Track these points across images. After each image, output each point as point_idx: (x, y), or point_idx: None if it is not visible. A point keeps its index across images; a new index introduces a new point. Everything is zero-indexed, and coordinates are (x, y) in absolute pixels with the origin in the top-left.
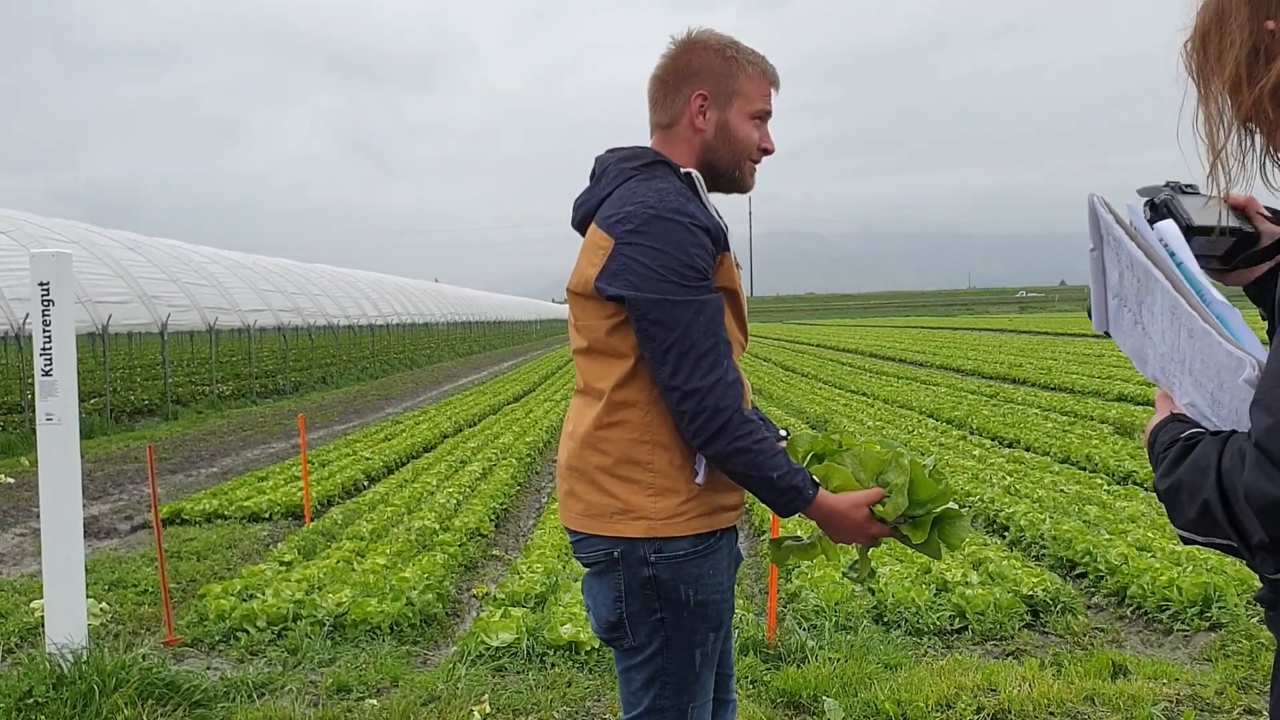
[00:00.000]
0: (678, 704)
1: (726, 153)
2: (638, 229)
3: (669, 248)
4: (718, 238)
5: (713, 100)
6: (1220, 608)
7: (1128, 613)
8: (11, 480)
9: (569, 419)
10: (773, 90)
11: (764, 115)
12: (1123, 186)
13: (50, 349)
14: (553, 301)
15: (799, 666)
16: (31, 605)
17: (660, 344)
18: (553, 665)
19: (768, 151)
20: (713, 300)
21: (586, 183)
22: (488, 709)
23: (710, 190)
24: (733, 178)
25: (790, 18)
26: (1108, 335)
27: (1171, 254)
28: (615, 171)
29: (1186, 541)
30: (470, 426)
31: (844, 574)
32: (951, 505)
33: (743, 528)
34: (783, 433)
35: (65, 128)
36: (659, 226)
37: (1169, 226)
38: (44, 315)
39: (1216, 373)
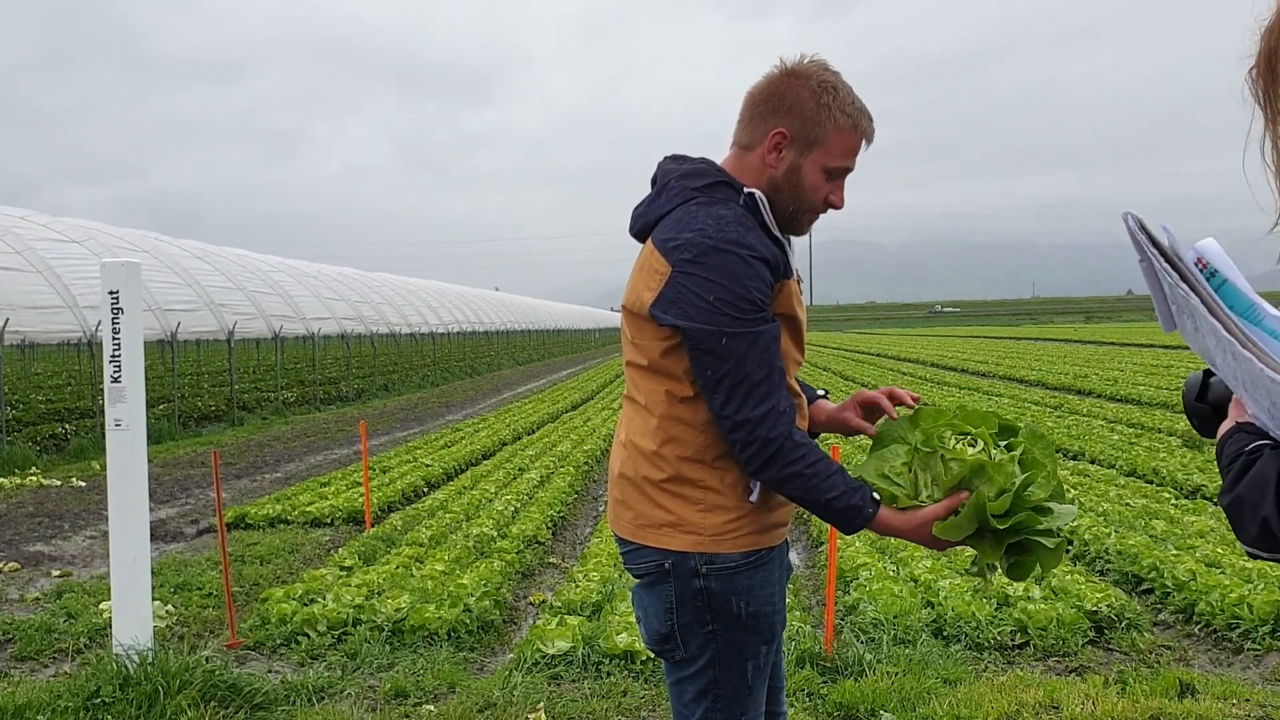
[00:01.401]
0: (730, 717)
1: (789, 197)
2: (694, 259)
3: (725, 280)
4: (776, 267)
5: (792, 141)
6: None
7: (1195, 630)
8: (83, 484)
9: (621, 426)
10: (863, 145)
11: (842, 173)
12: (1190, 194)
13: (119, 356)
14: (610, 310)
15: (856, 680)
16: (100, 607)
17: (713, 374)
18: (608, 674)
19: (835, 207)
20: (768, 331)
21: (645, 190)
22: (543, 717)
23: None
24: (787, 220)
25: (851, 26)
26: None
27: (1214, 273)
28: (677, 189)
29: (1253, 557)
30: (529, 434)
31: (967, 571)
32: (1040, 538)
33: (800, 539)
34: (821, 391)
35: (134, 139)
36: (716, 258)
37: (1210, 244)
38: (113, 323)
39: (1267, 394)
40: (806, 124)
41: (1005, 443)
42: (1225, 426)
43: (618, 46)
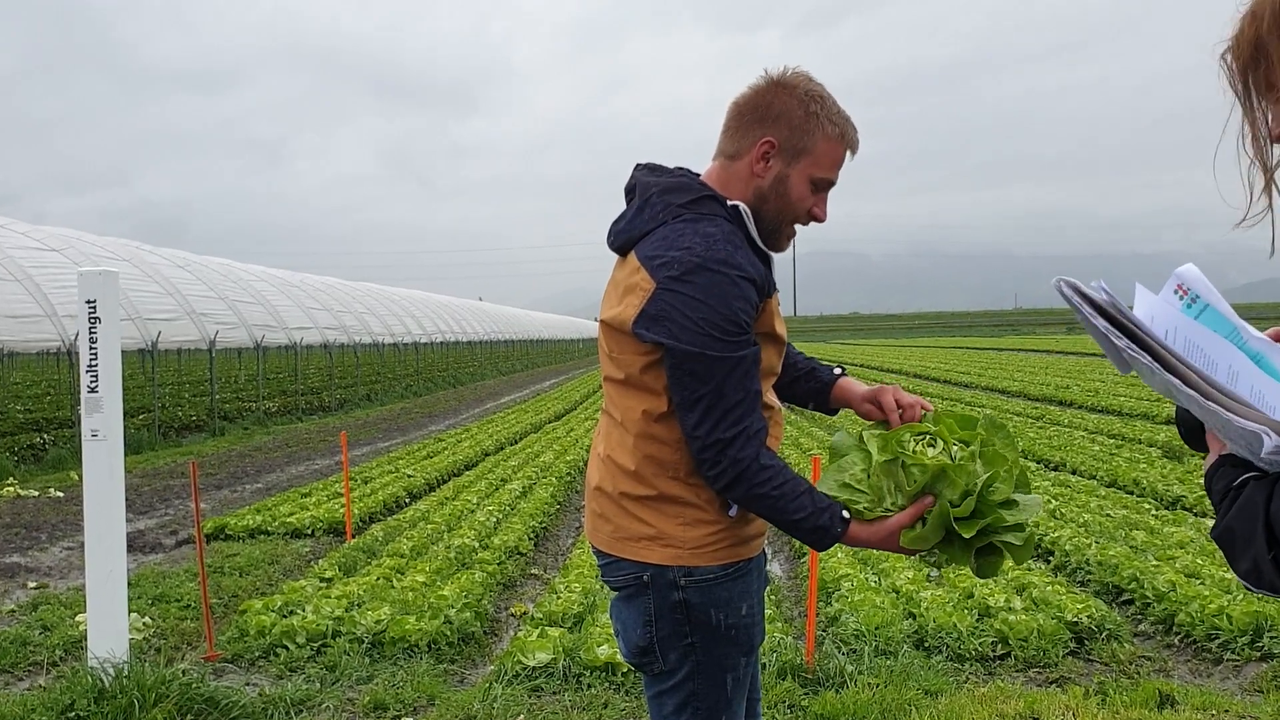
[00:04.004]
0: None
1: (775, 208)
2: (681, 277)
3: (712, 300)
4: (762, 287)
5: (780, 151)
6: (1272, 637)
7: (1175, 641)
8: (61, 494)
9: (598, 439)
10: (848, 156)
11: (826, 185)
12: (1174, 205)
13: (96, 366)
14: (594, 320)
15: (837, 692)
16: (76, 619)
17: (691, 394)
18: (589, 686)
19: (817, 219)
20: (750, 354)
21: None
22: None
23: None
24: (769, 234)
25: (837, 39)
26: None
27: (1195, 298)
28: (660, 204)
29: (1248, 589)
30: (511, 445)
31: (919, 556)
32: (1009, 536)
33: (783, 549)
34: (838, 369)
35: (118, 149)
36: (704, 278)
37: (1189, 270)
38: (90, 333)
39: (1242, 439)
40: (795, 133)
41: (964, 436)
42: (1209, 461)
43: (604, 59)
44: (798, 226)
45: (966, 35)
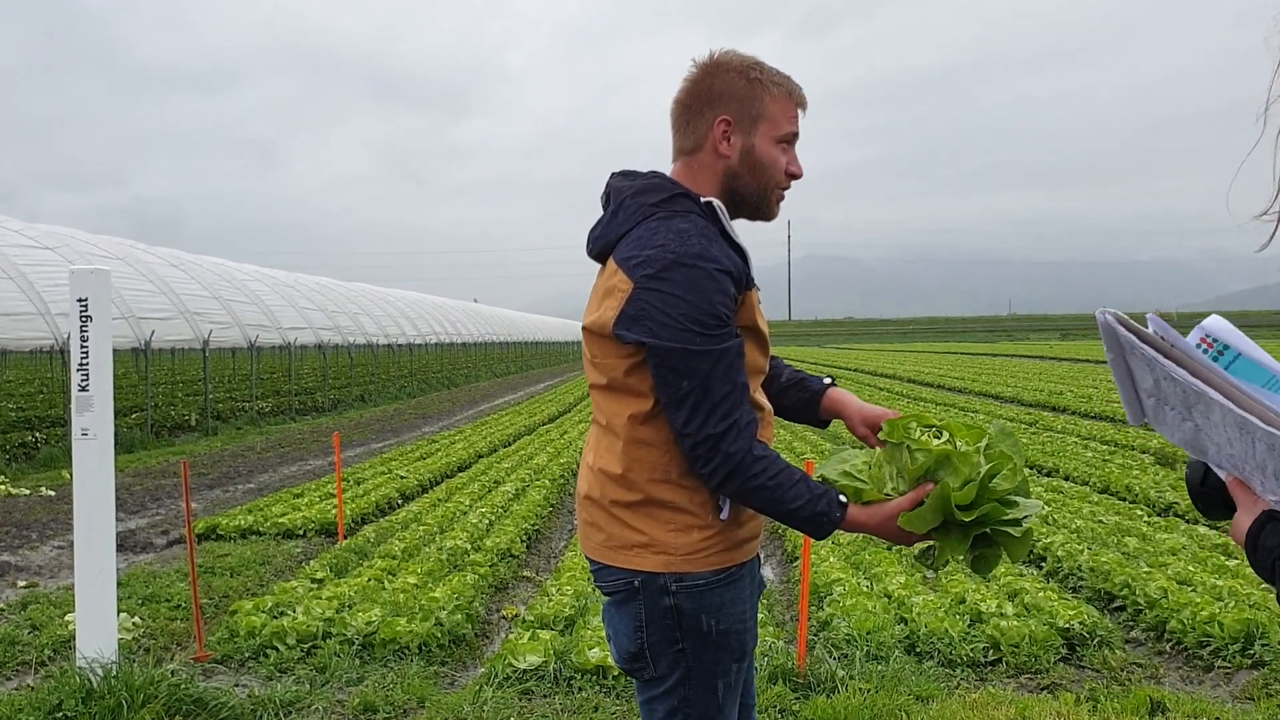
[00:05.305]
0: None
1: (752, 180)
2: (658, 274)
3: (690, 295)
4: (740, 279)
5: (737, 125)
6: (1263, 645)
7: (1167, 648)
8: (52, 493)
9: (587, 450)
10: (800, 111)
11: (791, 139)
12: (1167, 212)
13: (87, 364)
14: None
15: (829, 697)
16: (66, 618)
17: (676, 391)
18: (580, 690)
19: (795, 176)
20: (733, 347)
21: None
22: None
23: (733, 217)
24: (758, 206)
25: (834, 44)
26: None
27: (1225, 348)
28: (634, 206)
29: None
30: (505, 447)
31: (915, 559)
32: (1006, 527)
33: (775, 553)
34: (828, 379)
35: (114, 147)
36: (680, 273)
37: (1215, 321)
38: (82, 331)
39: None
40: (744, 104)
41: (970, 437)
42: (1248, 518)
43: (602, 61)
44: (792, 221)
45: (961, 42)
